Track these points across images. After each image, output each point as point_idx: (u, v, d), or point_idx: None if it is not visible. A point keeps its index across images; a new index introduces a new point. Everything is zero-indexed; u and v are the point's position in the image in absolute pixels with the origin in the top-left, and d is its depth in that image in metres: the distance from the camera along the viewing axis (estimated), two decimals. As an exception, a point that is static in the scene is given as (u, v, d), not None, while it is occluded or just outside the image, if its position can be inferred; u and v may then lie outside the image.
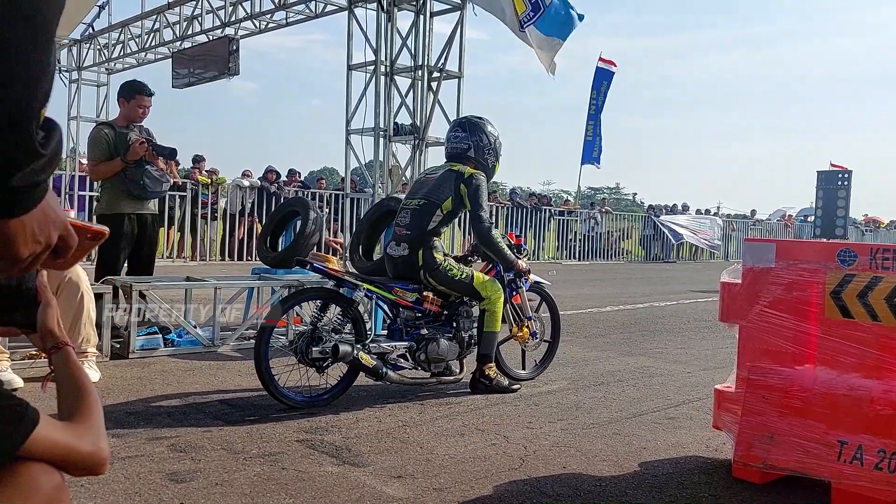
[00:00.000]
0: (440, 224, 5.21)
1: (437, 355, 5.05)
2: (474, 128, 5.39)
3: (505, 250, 5.27)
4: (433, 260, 5.09)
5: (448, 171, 5.26)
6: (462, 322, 5.24)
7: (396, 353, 4.97)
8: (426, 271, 5.08)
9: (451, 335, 5.18)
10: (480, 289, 5.15)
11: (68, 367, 1.69)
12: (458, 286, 5.14)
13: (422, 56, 7.60)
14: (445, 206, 5.16)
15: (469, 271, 5.19)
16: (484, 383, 5.18)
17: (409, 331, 5.08)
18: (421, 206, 5.19)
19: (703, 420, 4.62)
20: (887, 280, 3.26)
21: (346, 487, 3.33)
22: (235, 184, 16.43)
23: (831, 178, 16.80)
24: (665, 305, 11.52)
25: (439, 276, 5.09)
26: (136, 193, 6.45)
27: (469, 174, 5.18)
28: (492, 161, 5.41)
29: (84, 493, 3.10)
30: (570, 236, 23.62)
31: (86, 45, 12.77)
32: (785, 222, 32.38)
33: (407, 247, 5.14)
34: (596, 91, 23.84)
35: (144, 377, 5.35)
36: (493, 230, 5.24)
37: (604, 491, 3.42)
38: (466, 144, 5.34)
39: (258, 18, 10.09)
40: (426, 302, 5.11)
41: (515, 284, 5.56)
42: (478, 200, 5.14)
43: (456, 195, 5.16)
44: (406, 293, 5.06)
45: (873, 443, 3.19)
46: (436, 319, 5.19)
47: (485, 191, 5.20)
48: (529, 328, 5.59)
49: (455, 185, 5.16)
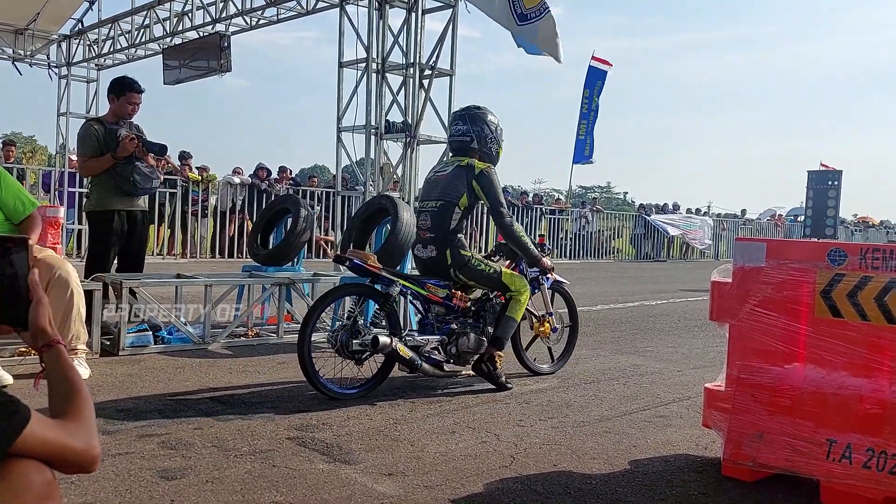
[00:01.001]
0: (460, 220, 5.28)
1: (467, 348, 5.16)
2: (475, 118, 5.43)
3: (529, 245, 5.39)
4: (461, 257, 5.19)
5: (458, 168, 5.31)
6: (489, 317, 5.34)
7: (430, 346, 5.11)
8: (456, 268, 5.19)
9: (480, 330, 5.27)
10: (509, 282, 5.27)
11: (60, 365, 1.69)
12: (488, 280, 5.27)
13: (413, 53, 7.58)
14: (462, 202, 5.24)
15: (497, 267, 5.33)
16: (487, 367, 5.26)
17: (440, 326, 5.20)
18: (439, 207, 5.27)
19: (693, 418, 4.63)
20: (877, 280, 3.27)
21: (336, 485, 3.33)
22: (226, 181, 16.40)
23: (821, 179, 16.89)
24: (656, 304, 11.55)
25: (469, 271, 5.20)
26: (126, 190, 6.42)
27: (479, 170, 5.25)
28: (495, 149, 5.47)
29: (75, 491, 3.09)
30: (561, 235, 23.66)
31: (75, 41, 12.72)
32: (775, 222, 32.51)
33: (434, 248, 5.24)
34: (589, 90, 23.82)
35: (135, 374, 5.34)
36: (514, 224, 5.36)
37: (594, 489, 3.43)
38: (469, 136, 5.38)
39: (249, 15, 10.04)
40: (455, 298, 5.21)
41: (538, 282, 5.73)
42: (496, 197, 5.24)
43: (470, 191, 5.23)
44: (438, 289, 5.18)
45: (862, 441, 3.21)
46: (464, 315, 5.29)
47: (499, 184, 5.30)
48: (551, 323, 5.77)
49: (468, 182, 5.23)
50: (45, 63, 13.06)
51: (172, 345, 6.24)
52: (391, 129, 7.59)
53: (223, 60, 10.22)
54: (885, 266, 3.26)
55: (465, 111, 5.55)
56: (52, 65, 13.04)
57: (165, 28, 11.03)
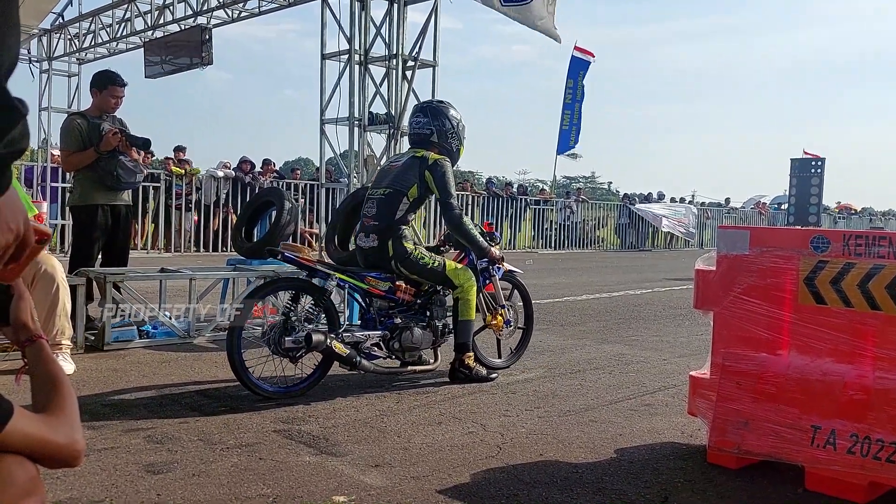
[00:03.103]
0: (407, 212, 5.16)
1: (410, 344, 5.04)
2: (437, 112, 5.36)
3: (478, 237, 5.26)
4: (403, 249, 5.05)
5: (412, 158, 5.23)
6: (435, 311, 5.24)
7: (370, 343, 4.95)
8: (397, 261, 5.05)
9: (425, 324, 5.17)
10: (453, 277, 5.13)
11: (42, 360, 1.68)
12: (430, 274, 5.12)
13: (396, 45, 7.56)
14: (411, 193, 5.13)
15: (441, 260, 5.18)
16: (463, 373, 5.18)
17: (383, 320, 5.06)
18: (387, 196, 5.14)
19: (678, 406, 4.66)
20: (860, 266, 3.29)
21: (323, 477, 3.33)
22: (210, 174, 16.33)
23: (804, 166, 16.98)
24: (640, 293, 11.59)
25: (410, 264, 5.06)
26: (110, 184, 6.38)
27: (433, 160, 5.15)
28: (455, 145, 5.39)
29: (60, 486, 3.07)
30: (546, 225, 23.70)
31: (56, 35, 12.59)
32: (759, 210, 32.64)
33: (376, 237, 5.09)
34: (573, 80, 23.86)
35: (120, 369, 5.32)
36: (464, 217, 5.24)
37: (580, 477, 3.44)
38: (429, 129, 5.31)
39: (231, 7, 9.99)
40: (399, 291, 5.09)
41: (488, 273, 5.55)
42: (446, 188, 5.12)
43: (421, 182, 5.12)
44: (379, 282, 5.04)
45: (846, 427, 3.23)
46: (409, 308, 5.18)
47: (451, 177, 5.18)
48: (503, 316, 5.59)
49: (420, 172, 5.13)
50: (27, 57, 12.94)
51: (157, 339, 6.22)
52: (374, 121, 7.57)
53: (205, 53, 10.16)
54: (867, 252, 3.28)
55: (427, 104, 5.51)
56: (33, 59, 12.92)
57: (146, 21, 10.93)
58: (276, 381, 4.72)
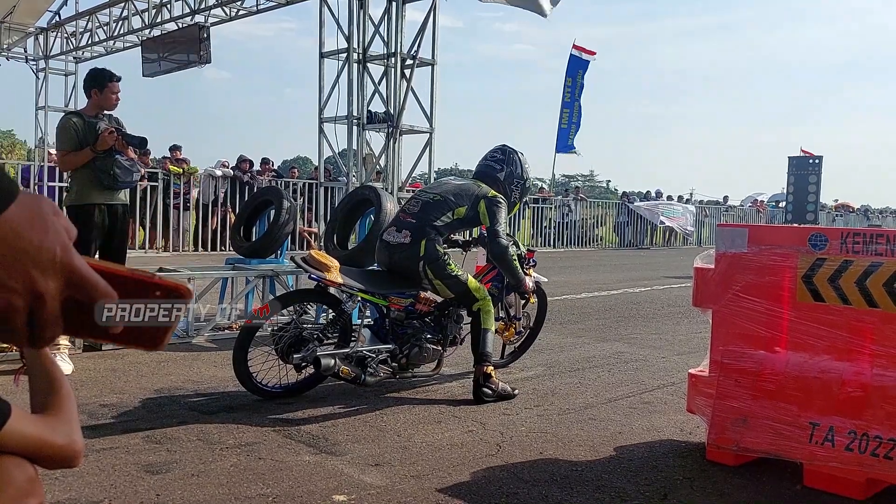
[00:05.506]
0: (447, 226, 4.99)
1: (418, 360, 4.91)
2: (513, 158, 5.29)
3: (518, 271, 5.13)
4: (436, 252, 4.85)
5: (473, 184, 5.14)
6: (450, 325, 5.09)
7: (379, 358, 4.76)
8: (426, 262, 4.83)
9: (436, 339, 5.02)
10: (475, 290, 4.94)
11: (40, 361, 1.68)
12: (455, 284, 4.90)
13: (395, 43, 7.55)
14: (458, 211, 4.97)
15: (465, 274, 5.00)
16: (488, 393, 4.76)
17: (395, 330, 4.92)
18: (435, 201, 4.99)
19: (677, 404, 4.66)
20: (857, 264, 3.29)
21: (323, 476, 3.33)
22: (208, 173, 16.31)
23: (802, 164, 16.94)
24: (639, 291, 11.59)
25: (438, 268, 4.84)
26: (107, 184, 6.35)
27: (493, 195, 5.03)
28: (516, 195, 5.31)
29: (59, 486, 3.07)
30: (545, 224, 23.65)
31: (52, 34, 12.58)
32: (757, 208, 32.62)
33: (409, 234, 4.89)
34: (571, 79, 23.82)
35: (118, 369, 5.31)
36: (510, 249, 5.07)
37: (580, 475, 3.44)
38: (500, 167, 5.24)
39: (228, 6, 9.98)
40: (419, 303, 4.98)
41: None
42: (496, 216, 4.97)
43: (472, 207, 4.98)
44: (400, 300, 4.92)
45: (844, 424, 3.24)
46: (423, 317, 5.04)
47: (505, 214, 5.05)
48: (515, 328, 5.57)
49: (474, 199, 5.00)
50: (23, 56, 12.93)
51: (156, 339, 6.19)
52: (373, 120, 7.56)
53: (202, 52, 10.14)
54: (865, 250, 3.29)
55: (511, 149, 5.39)
56: (30, 58, 12.91)
57: (144, 19, 10.92)
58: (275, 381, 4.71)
